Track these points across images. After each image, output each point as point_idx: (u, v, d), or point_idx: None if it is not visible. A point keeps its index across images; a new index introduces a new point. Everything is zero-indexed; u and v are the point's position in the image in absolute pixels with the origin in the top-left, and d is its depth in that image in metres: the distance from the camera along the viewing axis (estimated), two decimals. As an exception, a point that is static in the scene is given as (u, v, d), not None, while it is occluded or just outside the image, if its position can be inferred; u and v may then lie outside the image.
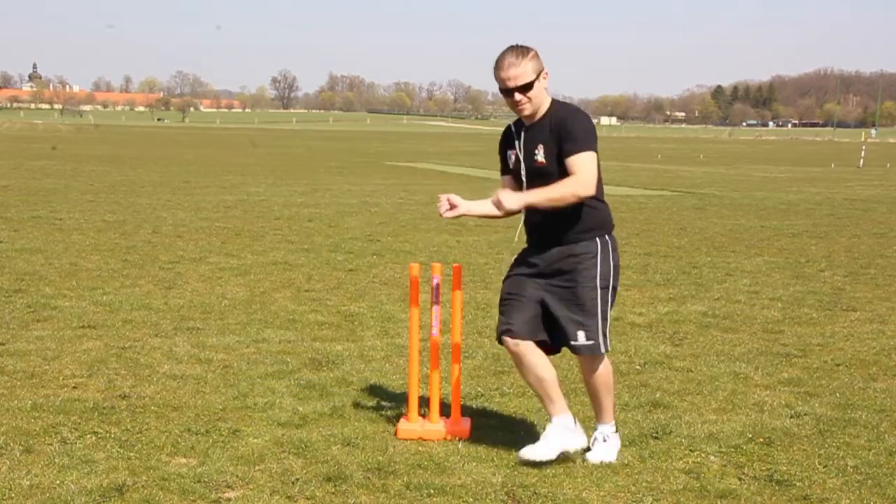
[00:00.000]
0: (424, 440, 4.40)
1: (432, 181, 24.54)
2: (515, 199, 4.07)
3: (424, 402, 4.75)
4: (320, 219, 14.32)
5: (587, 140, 4.03)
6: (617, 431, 4.35)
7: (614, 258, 4.33)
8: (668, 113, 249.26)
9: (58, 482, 3.78)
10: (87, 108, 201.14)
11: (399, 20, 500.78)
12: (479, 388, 5.29)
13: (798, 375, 5.71)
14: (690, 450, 4.32)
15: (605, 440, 4.27)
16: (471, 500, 3.73)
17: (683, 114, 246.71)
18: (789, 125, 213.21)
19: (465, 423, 4.54)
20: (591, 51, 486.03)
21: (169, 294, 7.98)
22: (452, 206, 4.23)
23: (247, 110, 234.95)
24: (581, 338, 4.17)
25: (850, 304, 8.08)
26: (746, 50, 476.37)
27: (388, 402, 5.04)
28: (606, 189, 4.40)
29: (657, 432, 4.54)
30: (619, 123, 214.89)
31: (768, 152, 60.55)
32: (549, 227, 4.16)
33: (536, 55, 4.09)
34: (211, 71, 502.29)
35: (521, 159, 4.21)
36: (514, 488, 3.83)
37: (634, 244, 12.08)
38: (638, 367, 5.86)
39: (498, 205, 4.11)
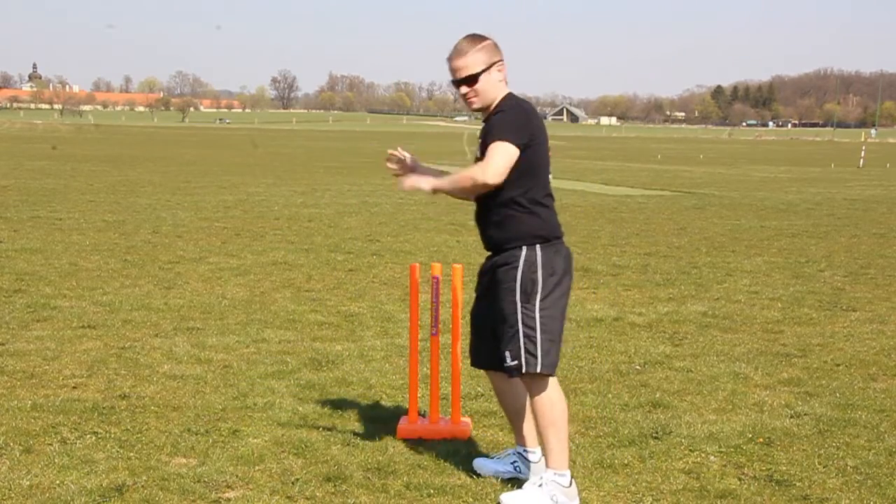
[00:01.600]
0: (424, 440, 4.40)
1: (432, 181, 24.50)
2: (425, 182, 3.82)
3: (424, 402, 4.75)
4: (320, 219, 14.32)
5: (503, 130, 3.70)
6: (570, 486, 3.69)
7: (543, 272, 3.73)
8: (667, 113, 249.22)
9: (58, 482, 3.78)
10: (87, 108, 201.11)
11: (399, 20, 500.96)
12: (479, 388, 5.29)
13: (798, 375, 5.71)
14: (690, 450, 4.32)
15: (539, 485, 3.68)
16: (471, 500, 3.73)
17: (683, 114, 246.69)
18: (789, 125, 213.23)
19: (465, 423, 4.54)
20: (591, 51, 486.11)
21: (169, 294, 7.98)
22: (405, 169, 3.98)
23: (247, 110, 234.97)
24: (507, 358, 3.70)
25: (849, 304, 8.09)
26: (746, 50, 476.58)
27: (388, 402, 5.04)
28: (607, 189, 4.38)
29: (657, 432, 4.54)
30: (619, 123, 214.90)
31: (768, 152, 60.56)
32: (482, 234, 3.90)
33: (491, 46, 3.77)
34: (211, 71, 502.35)
35: (480, 152, 3.85)
36: (515, 488, 3.83)
37: (634, 244, 12.08)
38: (638, 367, 5.87)
39: (403, 185, 3.86)
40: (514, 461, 4.01)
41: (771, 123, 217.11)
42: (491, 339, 3.83)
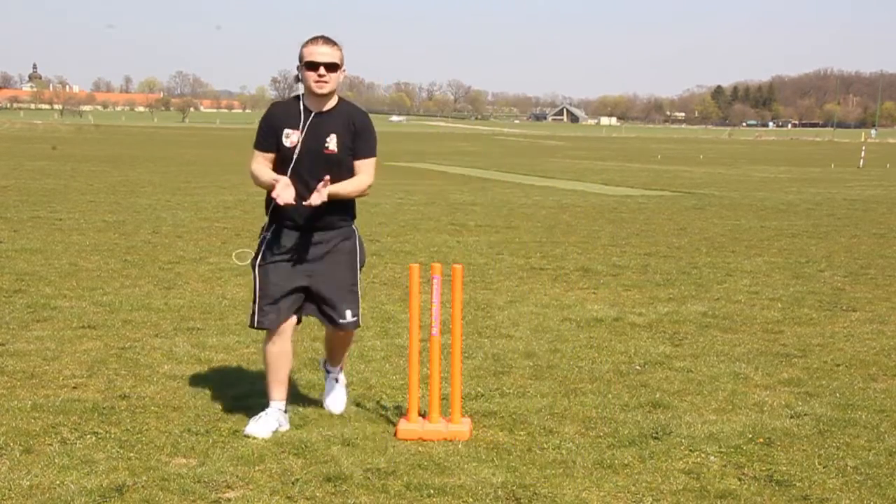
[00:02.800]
0: (424, 440, 4.40)
1: (432, 181, 24.53)
2: (318, 198, 4.25)
3: (424, 402, 4.75)
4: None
5: (375, 147, 4.53)
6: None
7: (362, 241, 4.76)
8: (667, 113, 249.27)
9: (58, 482, 3.78)
10: (87, 108, 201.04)
11: (399, 20, 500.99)
12: (479, 388, 5.29)
13: (798, 375, 5.71)
14: (690, 450, 4.32)
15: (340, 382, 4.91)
16: (471, 500, 3.73)
17: (683, 114, 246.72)
18: (789, 125, 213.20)
19: (465, 423, 4.54)
20: (591, 51, 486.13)
21: (169, 294, 7.98)
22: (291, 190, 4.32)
23: (247, 111, 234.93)
24: (348, 315, 4.62)
25: (850, 305, 8.09)
26: (746, 50, 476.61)
27: (388, 402, 5.04)
28: (607, 189, 4.48)
29: (657, 432, 4.54)
30: (619, 124, 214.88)
31: (768, 153, 60.55)
32: (324, 214, 4.42)
33: (342, 49, 4.41)
34: (211, 71, 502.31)
35: (303, 142, 4.36)
36: (514, 488, 3.84)
37: (634, 244, 12.08)
38: (638, 367, 5.87)
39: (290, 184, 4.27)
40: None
41: (771, 124, 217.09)
42: (320, 299, 4.56)
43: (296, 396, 5.06)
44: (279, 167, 4.41)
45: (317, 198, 4.25)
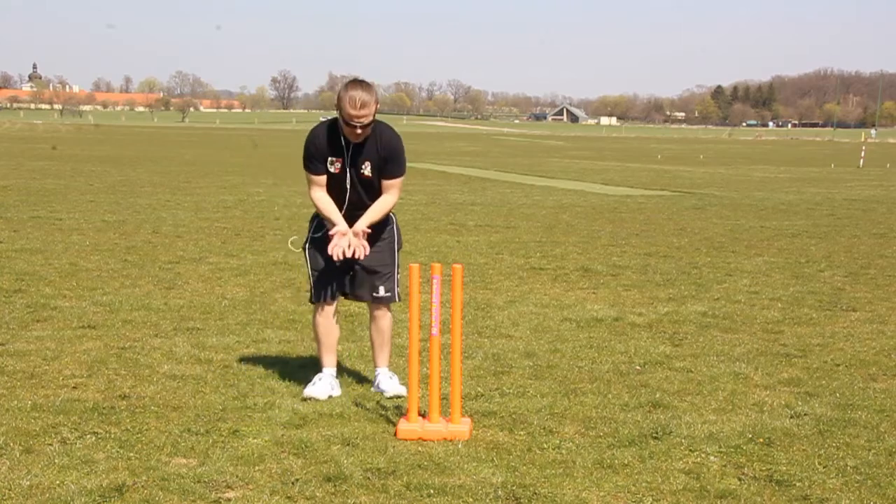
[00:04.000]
0: (424, 440, 4.40)
1: (432, 181, 24.53)
2: (363, 225, 4.92)
3: (424, 402, 4.75)
4: (320, 219, 14.31)
5: (404, 167, 5.08)
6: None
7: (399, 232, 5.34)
8: (668, 113, 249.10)
9: (58, 482, 3.78)
10: (86, 108, 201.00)
11: (399, 20, 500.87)
12: (479, 388, 5.29)
13: (798, 375, 5.72)
14: (690, 450, 4.32)
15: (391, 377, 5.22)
16: (471, 500, 3.73)
17: (683, 114, 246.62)
18: (789, 125, 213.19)
19: (465, 423, 4.54)
20: (590, 51, 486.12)
21: (169, 294, 7.98)
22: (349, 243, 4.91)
23: (247, 111, 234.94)
24: (382, 290, 5.16)
25: (850, 305, 8.09)
26: (746, 50, 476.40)
27: (388, 402, 5.05)
28: (607, 189, 4.54)
29: (657, 432, 4.54)
30: (619, 124, 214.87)
31: (768, 153, 60.56)
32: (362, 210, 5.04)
33: (376, 89, 4.88)
34: (211, 71, 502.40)
35: (348, 168, 4.95)
36: (514, 488, 3.84)
37: (634, 244, 12.09)
38: (638, 367, 5.87)
39: (346, 232, 4.90)
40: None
41: (771, 123, 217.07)
42: (362, 277, 5.13)
43: (296, 396, 5.07)
44: (330, 190, 5.02)
45: (361, 250, 4.91)
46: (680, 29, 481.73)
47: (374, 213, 4.98)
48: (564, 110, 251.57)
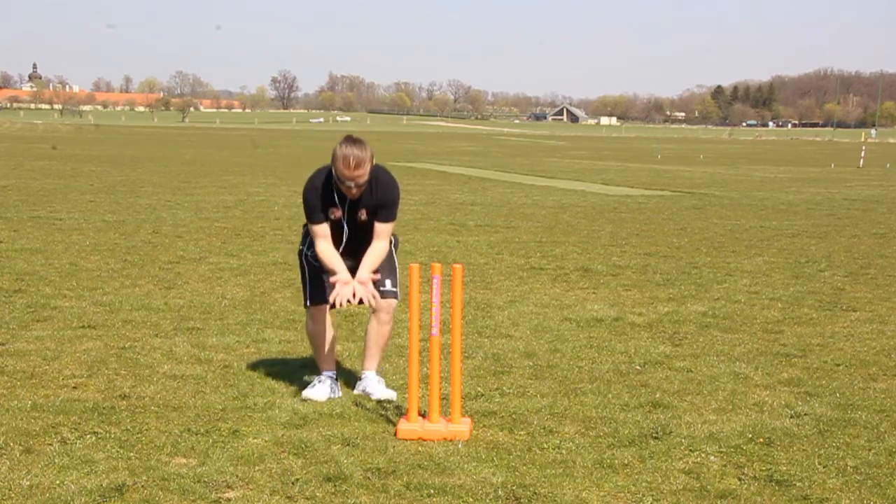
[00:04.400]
0: (424, 440, 4.40)
1: (432, 181, 24.53)
2: (365, 274, 4.92)
3: (424, 401, 4.75)
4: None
5: (396, 213, 5.07)
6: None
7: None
8: (668, 113, 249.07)
9: (58, 482, 3.78)
10: (86, 108, 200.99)
11: (399, 20, 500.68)
12: (479, 388, 5.29)
13: (798, 375, 5.72)
14: (690, 450, 4.32)
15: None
16: (471, 500, 3.73)
17: (683, 114, 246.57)
18: (789, 125, 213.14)
19: (465, 423, 4.54)
20: (590, 51, 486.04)
21: (169, 294, 7.98)
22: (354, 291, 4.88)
23: (247, 110, 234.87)
24: (388, 284, 5.16)
25: (850, 304, 8.09)
26: (746, 50, 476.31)
27: (388, 402, 5.04)
28: (607, 189, 4.52)
29: (657, 432, 4.54)
30: (619, 123, 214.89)
31: (768, 152, 60.56)
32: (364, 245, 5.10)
33: (369, 147, 4.88)
34: (211, 71, 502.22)
35: (345, 217, 4.99)
36: (514, 488, 3.84)
37: (634, 244, 12.09)
38: (638, 367, 5.87)
39: (348, 281, 4.88)
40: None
41: (771, 123, 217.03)
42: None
43: (296, 396, 5.07)
44: (331, 234, 5.04)
45: (369, 296, 4.90)
46: (680, 29, 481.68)
47: (372, 260, 4.98)
48: (564, 110, 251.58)
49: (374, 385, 5.16)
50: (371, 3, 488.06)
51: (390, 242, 5.16)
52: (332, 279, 4.90)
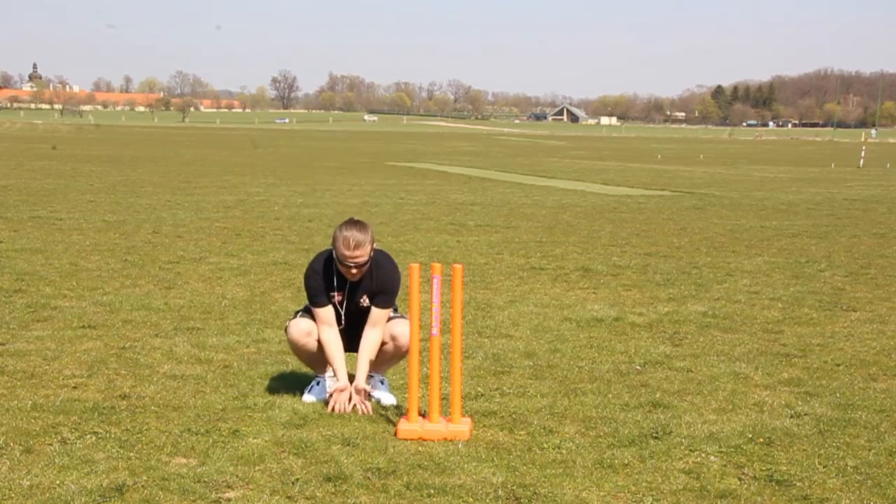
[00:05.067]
0: (424, 440, 4.40)
1: (432, 181, 24.53)
2: (363, 377, 4.93)
3: (424, 401, 4.75)
4: (320, 219, 14.33)
5: (393, 300, 5.05)
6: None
7: None
8: (668, 113, 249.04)
9: (58, 482, 3.78)
10: (87, 108, 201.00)
11: (399, 20, 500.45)
12: (479, 388, 5.29)
13: (798, 375, 5.71)
14: (690, 450, 4.32)
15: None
16: (471, 500, 3.73)
17: (683, 114, 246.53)
18: (789, 125, 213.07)
19: (465, 423, 4.54)
20: (591, 51, 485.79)
21: (169, 294, 7.98)
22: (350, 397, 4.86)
23: (247, 110, 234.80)
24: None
25: (850, 304, 8.08)
26: (746, 50, 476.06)
27: (389, 406, 5.04)
28: (607, 189, 4.53)
29: (657, 432, 4.54)
30: (619, 123, 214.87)
31: (768, 152, 60.55)
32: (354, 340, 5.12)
33: (371, 227, 4.91)
34: (211, 71, 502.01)
35: (344, 303, 5.01)
36: (514, 488, 3.83)
37: (634, 244, 12.08)
38: (638, 366, 5.87)
39: (345, 388, 4.87)
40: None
41: (771, 123, 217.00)
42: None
43: (296, 396, 5.06)
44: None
45: (361, 406, 4.84)
46: (680, 29, 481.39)
47: (367, 357, 4.97)
48: (564, 110, 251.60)
49: (377, 386, 5.16)
50: (371, 3, 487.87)
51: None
52: (329, 387, 4.97)
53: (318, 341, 5.03)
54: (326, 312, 4.98)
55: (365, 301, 5.02)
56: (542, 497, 3.76)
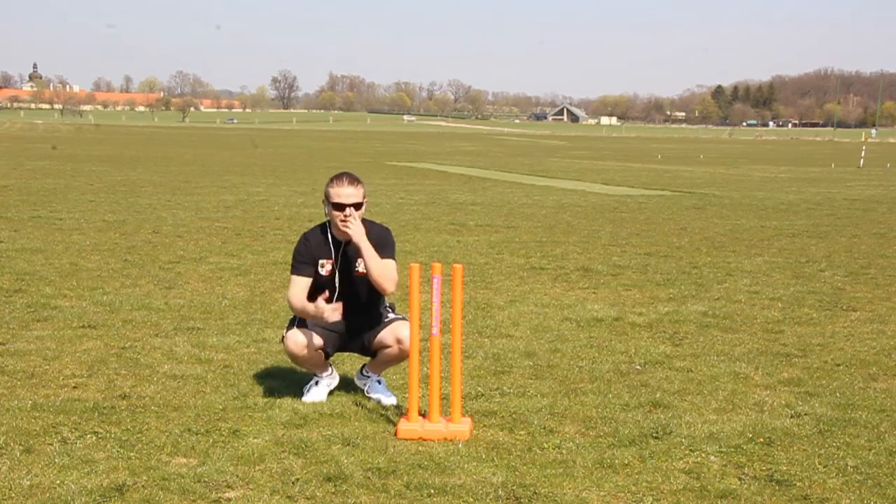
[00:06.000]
0: (424, 440, 4.40)
1: (432, 181, 24.53)
2: (362, 235, 4.82)
3: (424, 401, 4.75)
4: (320, 218, 14.29)
5: (393, 252, 4.94)
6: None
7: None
8: (668, 113, 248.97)
9: (58, 482, 3.78)
10: (87, 108, 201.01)
11: (399, 20, 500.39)
12: (479, 388, 5.29)
13: (798, 375, 5.71)
14: (690, 450, 4.32)
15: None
16: (471, 500, 3.73)
17: (683, 114, 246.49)
18: (789, 125, 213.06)
19: (466, 423, 4.54)
20: (591, 51, 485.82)
21: (169, 294, 7.98)
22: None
23: (247, 110, 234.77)
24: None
25: (850, 304, 8.08)
26: (746, 50, 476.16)
27: (388, 402, 5.04)
28: (607, 189, 4.51)
29: (657, 432, 4.54)
30: (619, 123, 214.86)
31: (768, 152, 60.56)
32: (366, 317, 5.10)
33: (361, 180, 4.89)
34: (211, 71, 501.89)
35: (338, 271, 4.90)
36: (514, 488, 3.84)
37: (634, 244, 12.08)
38: (638, 366, 5.87)
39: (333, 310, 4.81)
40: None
41: (771, 123, 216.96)
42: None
43: (296, 396, 5.06)
44: (315, 292, 4.88)
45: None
46: (680, 29, 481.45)
47: (374, 251, 4.83)
48: (565, 110, 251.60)
49: (375, 386, 5.15)
50: (371, 3, 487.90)
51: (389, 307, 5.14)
52: (323, 316, 4.80)
53: (317, 349, 4.97)
54: (302, 281, 4.89)
55: (360, 266, 4.88)
56: (542, 497, 3.76)
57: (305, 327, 4.97)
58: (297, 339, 4.93)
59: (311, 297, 4.86)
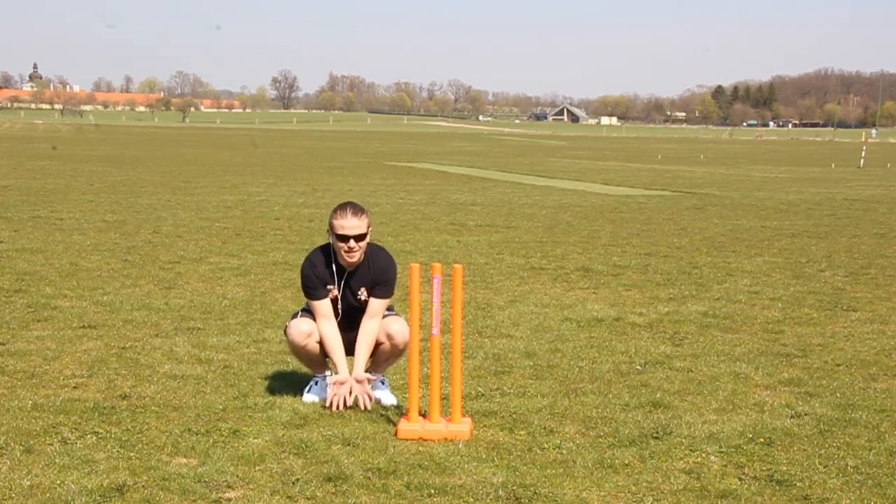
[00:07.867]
0: (424, 440, 4.40)
1: (432, 181, 24.53)
2: (362, 367, 4.93)
3: (425, 401, 4.75)
4: (320, 219, 14.32)
5: (391, 291, 5.03)
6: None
7: None
8: (668, 113, 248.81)
9: (58, 482, 3.78)
10: (87, 108, 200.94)
11: (399, 20, 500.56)
12: (479, 388, 5.29)
13: (798, 375, 5.71)
14: (690, 450, 4.32)
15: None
16: (471, 500, 3.73)
17: (684, 114, 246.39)
18: (790, 125, 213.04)
19: (466, 423, 4.54)
20: (591, 51, 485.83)
21: (169, 294, 7.98)
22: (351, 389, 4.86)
23: (247, 110, 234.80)
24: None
25: (850, 304, 8.08)
26: (746, 50, 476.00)
27: (388, 402, 5.04)
28: (607, 189, 4.51)
29: (657, 432, 4.54)
30: (619, 123, 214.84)
31: (768, 152, 60.57)
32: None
33: (367, 210, 4.93)
34: (211, 71, 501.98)
35: (340, 298, 4.99)
36: (514, 488, 3.84)
37: (634, 244, 12.08)
38: (638, 366, 5.87)
39: (345, 380, 4.86)
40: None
41: (771, 123, 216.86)
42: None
43: (296, 396, 5.07)
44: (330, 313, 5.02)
45: (364, 398, 4.86)
46: (680, 29, 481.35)
47: (365, 347, 4.97)
48: (565, 110, 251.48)
49: (377, 387, 5.15)
50: (371, 3, 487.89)
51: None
52: (329, 380, 4.90)
53: (319, 342, 5.02)
54: (324, 305, 4.97)
55: (363, 294, 4.99)
56: (543, 497, 3.76)
57: (311, 318, 5.01)
58: (301, 328, 4.98)
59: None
